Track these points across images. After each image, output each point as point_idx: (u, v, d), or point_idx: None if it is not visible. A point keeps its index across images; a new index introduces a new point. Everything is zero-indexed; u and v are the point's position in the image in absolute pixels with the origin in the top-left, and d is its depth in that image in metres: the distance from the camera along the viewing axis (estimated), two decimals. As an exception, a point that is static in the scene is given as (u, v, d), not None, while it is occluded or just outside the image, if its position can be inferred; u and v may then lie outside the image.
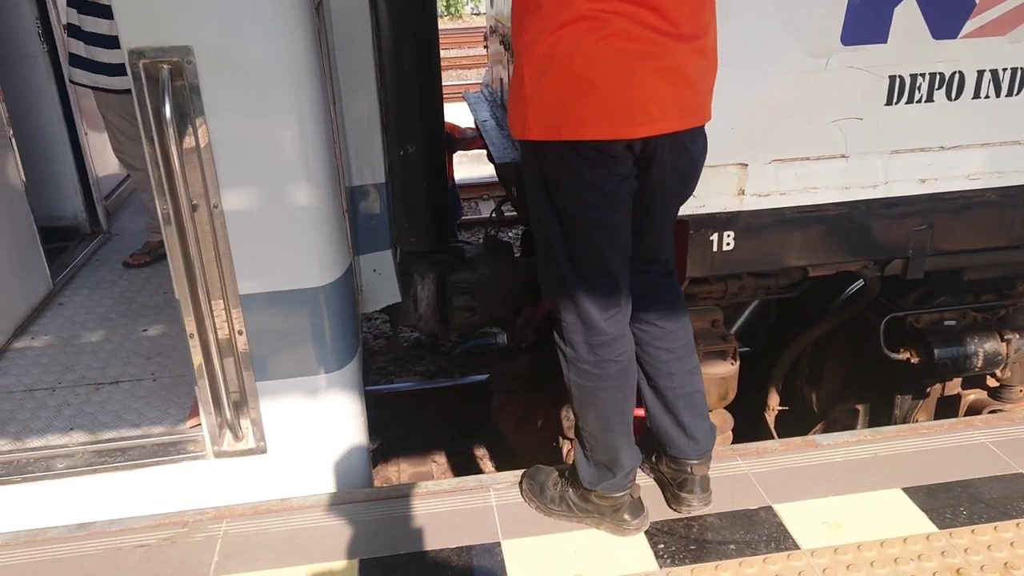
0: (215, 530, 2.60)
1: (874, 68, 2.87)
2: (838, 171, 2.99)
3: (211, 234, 2.59)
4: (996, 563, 2.30)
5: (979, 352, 3.67)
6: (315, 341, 2.83)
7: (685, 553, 2.40)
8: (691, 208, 2.91)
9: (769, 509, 2.56)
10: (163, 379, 3.40)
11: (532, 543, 2.46)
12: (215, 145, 2.49)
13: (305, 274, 2.72)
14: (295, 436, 2.92)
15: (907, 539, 2.41)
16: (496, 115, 5.14)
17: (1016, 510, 2.52)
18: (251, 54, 2.44)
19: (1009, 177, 3.10)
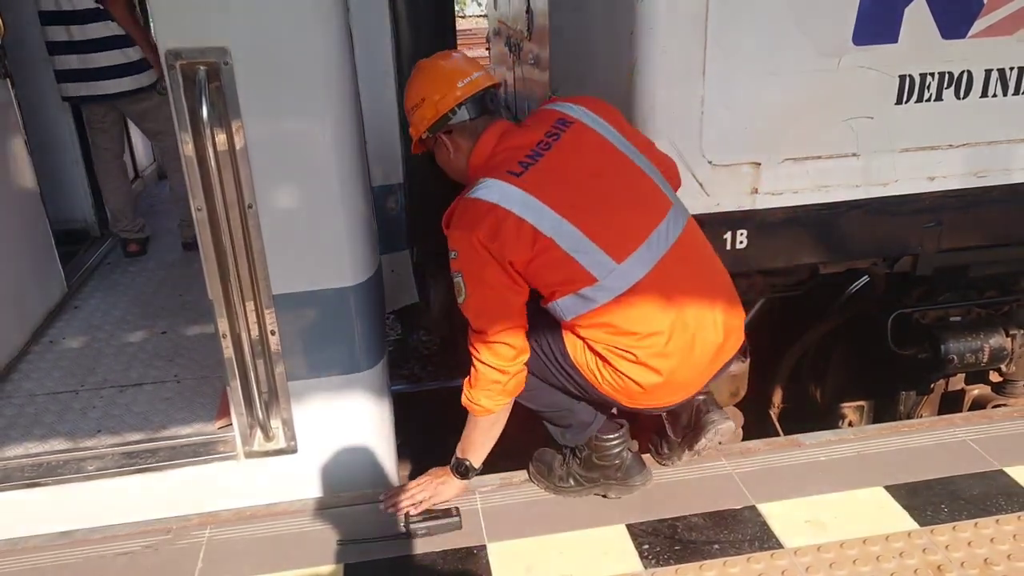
0: (199, 536, 2.56)
1: (885, 68, 2.89)
2: (850, 169, 3.01)
3: (244, 234, 2.59)
4: (976, 559, 2.31)
5: (985, 347, 3.70)
6: (346, 341, 2.83)
7: (670, 554, 2.38)
8: (705, 207, 2.93)
9: (753, 509, 2.56)
10: (187, 380, 3.38)
11: (517, 545, 2.45)
12: (251, 146, 2.48)
13: (337, 274, 2.72)
14: (325, 436, 2.92)
15: (889, 537, 2.41)
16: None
17: (996, 507, 2.52)
18: (288, 55, 2.44)
19: (1016, 175, 3.13)
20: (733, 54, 2.72)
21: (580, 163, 2.31)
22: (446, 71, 2.44)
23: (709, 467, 2.75)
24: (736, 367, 3.52)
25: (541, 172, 2.26)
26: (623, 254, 2.23)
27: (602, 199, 2.28)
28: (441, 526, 2.46)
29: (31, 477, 2.82)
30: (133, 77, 4.47)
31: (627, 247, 2.24)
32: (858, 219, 3.10)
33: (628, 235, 2.26)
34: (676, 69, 2.71)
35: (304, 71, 2.47)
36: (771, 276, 3.63)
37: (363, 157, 2.78)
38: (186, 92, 2.40)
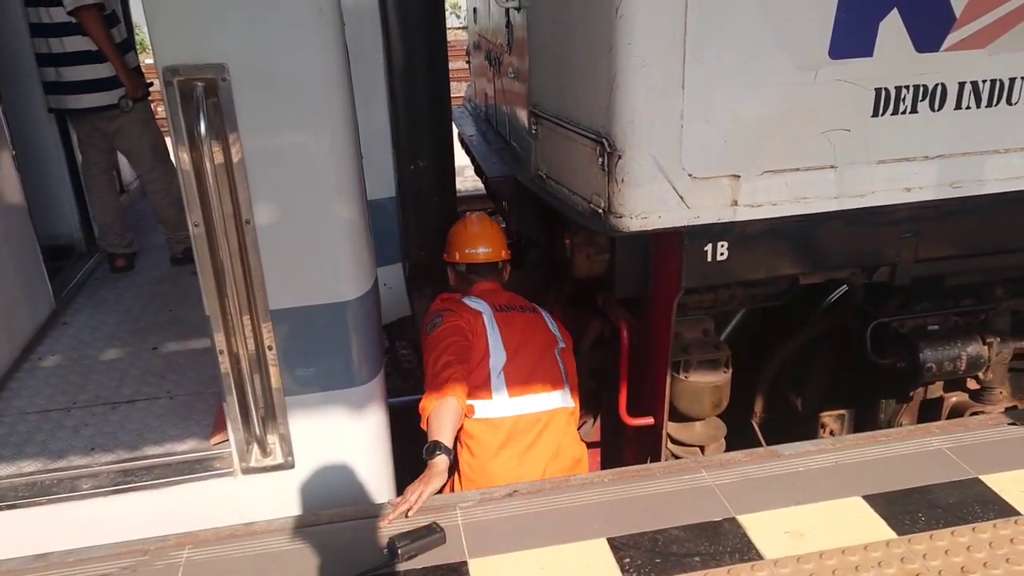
0: (177, 557, 2.51)
1: (861, 81, 2.97)
2: (827, 181, 3.08)
3: (241, 250, 2.61)
4: (953, 568, 2.32)
5: (962, 356, 3.79)
6: (343, 355, 2.86)
7: (651, 567, 2.38)
8: (686, 219, 3.00)
9: (733, 520, 2.56)
10: (180, 396, 3.39)
11: (498, 561, 2.43)
12: (248, 161, 2.52)
13: (335, 288, 2.76)
14: (323, 451, 2.94)
15: (868, 546, 2.42)
16: (481, 129, 5.20)
17: (972, 515, 2.55)
18: (286, 70, 2.48)
19: (990, 185, 3.23)
20: (712, 68, 2.80)
21: (529, 335, 3.33)
22: (463, 237, 3.59)
23: (689, 479, 2.79)
24: (718, 377, 3.59)
25: (505, 320, 3.31)
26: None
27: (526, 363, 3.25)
28: (426, 544, 2.45)
29: (24, 497, 2.81)
30: (106, 93, 4.48)
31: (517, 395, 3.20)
32: (836, 230, 3.19)
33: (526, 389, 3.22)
34: (656, 83, 2.78)
35: (301, 86, 2.51)
36: (751, 287, 3.71)
37: (360, 171, 2.83)
38: (184, 108, 2.43)
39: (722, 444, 3.82)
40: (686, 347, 3.62)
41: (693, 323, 3.73)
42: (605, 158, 2.98)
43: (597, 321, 4.01)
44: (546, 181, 3.61)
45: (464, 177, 7.91)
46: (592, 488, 2.77)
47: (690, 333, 3.70)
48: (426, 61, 3.68)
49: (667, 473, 2.82)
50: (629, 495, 2.74)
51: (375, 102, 3.55)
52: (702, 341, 3.68)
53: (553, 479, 2.90)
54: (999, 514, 2.55)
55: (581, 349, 4.16)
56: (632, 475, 2.83)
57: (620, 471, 2.87)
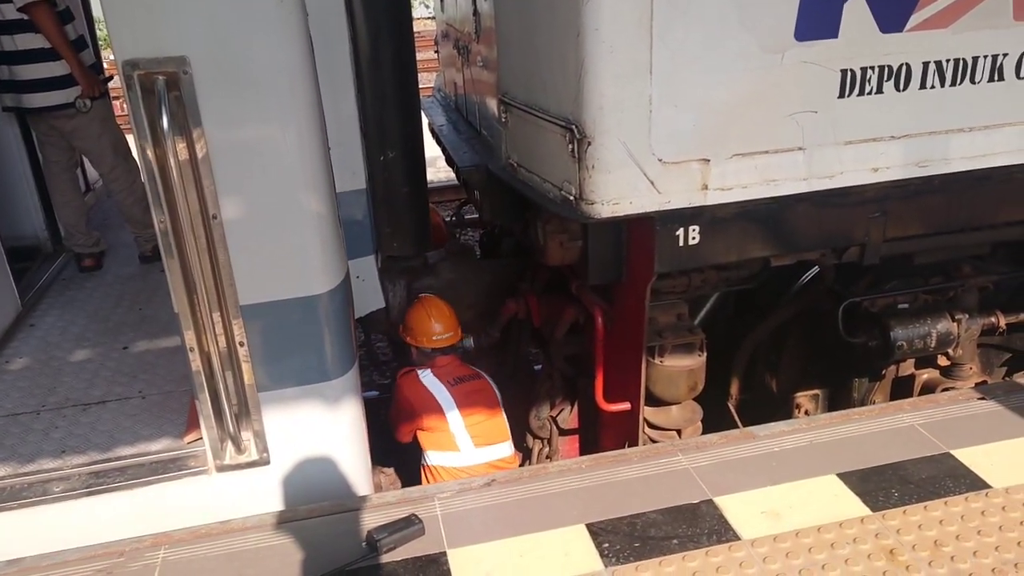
0: (152, 558, 2.49)
1: (826, 62, 2.98)
2: (796, 163, 3.09)
3: (209, 245, 2.58)
4: (927, 541, 2.37)
5: (932, 333, 3.84)
6: (316, 349, 2.84)
7: (629, 551, 2.40)
8: (657, 204, 3.00)
9: (710, 502, 2.59)
10: (152, 396, 3.35)
11: (478, 550, 2.44)
12: (213, 155, 2.48)
13: (306, 282, 2.73)
14: (298, 446, 2.92)
15: (843, 523, 2.45)
16: (451, 119, 5.16)
17: (944, 489, 2.59)
18: (248, 63, 2.44)
19: (955, 163, 3.26)
20: (679, 52, 2.80)
21: (480, 398, 3.89)
22: (427, 326, 4.01)
23: (666, 463, 2.80)
24: (693, 361, 3.61)
25: (459, 390, 3.87)
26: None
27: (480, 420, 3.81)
28: (405, 536, 2.45)
29: (-5, 501, 2.77)
30: (61, 91, 4.37)
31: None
32: (806, 212, 3.21)
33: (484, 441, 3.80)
34: (623, 69, 2.78)
35: (266, 79, 2.48)
36: (724, 270, 3.73)
37: (327, 164, 2.80)
38: (145, 103, 2.38)
39: (699, 427, 3.84)
40: (660, 332, 3.64)
41: (667, 308, 3.74)
42: (575, 145, 2.97)
43: (572, 308, 4.01)
44: (517, 169, 3.60)
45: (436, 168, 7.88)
46: (569, 475, 2.78)
47: (664, 318, 3.72)
48: (392, 50, 3.64)
49: (644, 457, 2.84)
50: (606, 480, 2.75)
51: (342, 92, 3.51)
52: (676, 325, 3.70)
53: (531, 467, 2.90)
54: (970, 487, 2.60)
55: (556, 336, 4.18)
56: (609, 460, 2.84)
57: (597, 457, 2.88)
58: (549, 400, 4.42)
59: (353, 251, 3.78)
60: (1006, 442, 2.80)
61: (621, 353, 3.67)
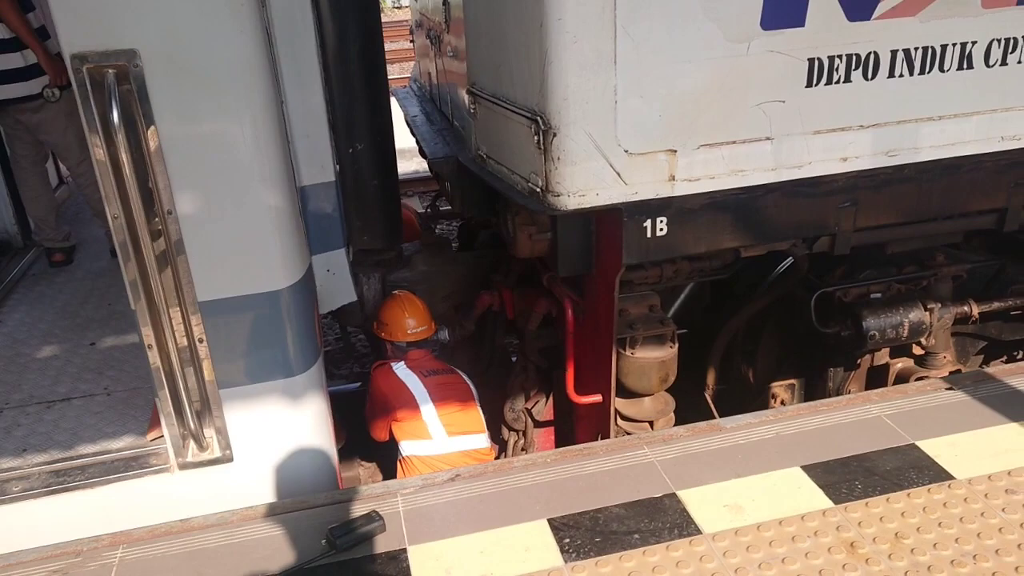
0: (110, 557, 2.46)
1: (793, 51, 2.96)
2: (764, 153, 3.07)
3: (166, 241, 2.54)
4: (888, 534, 2.35)
5: (905, 322, 3.84)
6: (278, 345, 2.81)
7: (590, 546, 2.38)
8: (623, 195, 2.98)
9: (673, 496, 2.56)
10: (118, 393, 3.31)
11: (438, 547, 2.42)
12: (166, 150, 2.44)
13: (265, 277, 2.70)
14: (262, 443, 2.89)
15: (804, 516, 2.44)
16: (426, 109, 5.12)
17: (907, 480, 2.57)
18: (201, 55, 2.40)
19: (925, 152, 3.25)
20: (643, 42, 2.77)
21: (453, 391, 3.90)
22: (401, 322, 3.99)
23: (631, 456, 2.79)
24: (665, 353, 3.59)
25: (432, 382, 3.86)
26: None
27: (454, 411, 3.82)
28: (365, 533, 2.43)
29: (-47, 501, 2.74)
30: (23, 84, 4.29)
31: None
32: (775, 202, 3.19)
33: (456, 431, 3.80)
34: (587, 59, 2.74)
35: (219, 72, 2.44)
36: (696, 261, 3.71)
37: (286, 157, 2.75)
38: (95, 96, 2.34)
39: (671, 419, 3.83)
40: (631, 323, 3.62)
41: (639, 299, 3.72)
42: (540, 136, 2.94)
43: (544, 300, 3.99)
44: (486, 161, 3.57)
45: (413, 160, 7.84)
46: (534, 469, 2.76)
47: (636, 309, 3.70)
48: (359, 41, 3.60)
49: (609, 451, 2.82)
50: (571, 474, 2.73)
51: (309, 84, 3.45)
52: (647, 317, 3.68)
53: (495, 461, 2.88)
54: (933, 479, 2.59)
55: (529, 329, 4.16)
56: (575, 454, 2.83)
57: (563, 451, 2.86)
58: (524, 392, 4.40)
59: (323, 244, 3.75)
60: (971, 433, 2.80)
61: (592, 345, 3.65)
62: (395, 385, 3.81)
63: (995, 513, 2.42)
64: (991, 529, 2.36)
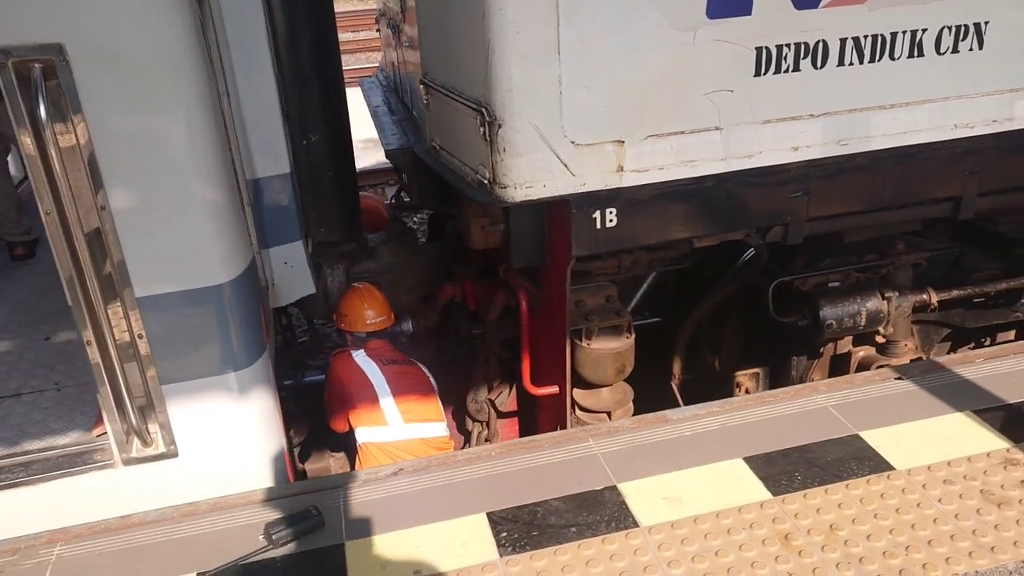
0: (47, 555, 2.44)
1: (741, 40, 2.93)
2: (713, 143, 3.06)
3: (100, 236, 2.52)
4: (823, 525, 2.35)
5: (862, 311, 3.84)
6: (220, 339, 2.79)
7: (527, 540, 2.37)
8: (571, 186, 2.95)
9: (614, 489, 2.55)
10: (68, 388, 3.30)
11: (376, 542, 2.41)
12: (97, 145, 2.41)
13: (204, 272, 2.67)
14: (207, 437, 2.88)
15: (742, 508, 2.44)
16: (388, 100, 5.08)
17: (847, 471, 2.57)
18: (129, 50, 2.37)
19: (878, 141, 3.23)
20: (587, 32, 2.74)
21: (411, 380, 3.89)
22: (360, 312, 3.98)
23: (576, 448, 2.78)
24: (621, 343, 3.59)
25: (391, 370, 3.86)
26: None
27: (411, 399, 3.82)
28: (303, 529, 2.42)
29: None
30: None
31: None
32: (726, 192, 3.17)
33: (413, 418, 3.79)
34: (530, 49, 2.72)
35: (148, 67, 2.40)
36: (654, 251, 3.70)
37: (224, 151, 2.72)
38: (21, 92, 2.31)
39: (630, 408, 3.83)
40: (587, 314, 3.61)
41: (595, 290, 3.72)
42: (486, 128, 2.92)
43: (503, 292, 3.98)
44: (440, 152, 3.54)
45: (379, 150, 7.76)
46: (479, 463, 2.76)
47: (592, 300, 3.69)
48: (311, 31, 3.56)
49: (554, 444, 2.82)
50: (515, 468, 2.73)
51: (260, 75, 3.42)
52: (604, 308, 3.67)
53: (440, 455, 2.88)
54: (873, 470, 2.59)
55: (489, 320, 4.15)
56: (519, 447, 2.82)
57: (508, 444, 2.86)
58: (486, 383, 4.40)
59: (280, 237, 3.73)
60: (915, 423, 2.80)
61: (547, 336, 3.64)
62: (353, 372, 3.80)
63: (931, 504, 2.43)
64: (926, 520, 2.37)
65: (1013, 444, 2.65)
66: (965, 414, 2.83)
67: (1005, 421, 2.77)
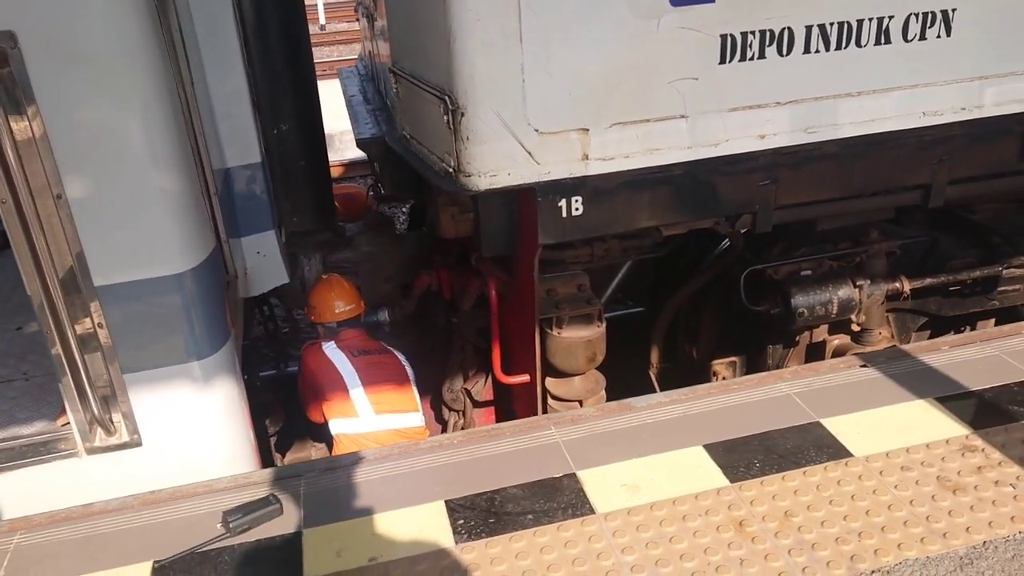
0: (5, 544, 2.44)
1: (705, 28, 2.92)
2: (679, 131, 3.04)
3: (59, 225, 2.52)
4: (778, 512, 2.36)
5: (833, 299, 3.83)
6: (182, 328, 2.79)
7: (483, 527, 2.38)
8: (536, 175, 2.95)
9: (572, 476, 2.56)
10: (36, 378, 3.30)
11: (333, 529, 2.42)
12: (51, 134, 2.41)
13: (163, 261, 2.68)
14: (171, 427, 2.89)
15: (698, 495, 2.44)
16: (365, 89, 5.06)
17: (806, 458, 2.57)
18: (83, 39, 2.36)
19: (845, 129, 3.22)
20: (549, 20, 2.73)
21: (383, 370, 3.89)
22: (327, 303, 3.99)
23: (538, 436, 2.78)
24: (591, 332, 3.58)
25: (361, 362, 3.86)
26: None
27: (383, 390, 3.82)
28: (260, 517, 2.43)
29: None
30: None
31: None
32: (692, 180, 3.16)
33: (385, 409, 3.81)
34: (492, 37, 2.71)
35: (100, 54, 2.40)
36: (627, 239, 3.69)
37: (183, 139, 2.72)
38: (-27, 80, 2.30)
39: (602, 397, 3.83)
40: (558, 303, 3.61)
41: (567, 279, 3.71)
42: (450, 116, 2.91)
43: (477, 280, 3.98)
44: (409, 141, 3.54)
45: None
46: (440, 451, 2.76)
47: (564, 288, 3.69)
48: (280, 19, 3.55)
49: (516, 432, 2.82)
50: (476, 456, 2.73)
51: (228, 64, 3.41)
52: (575, 296, 3.67)
53: (403, 443, 2.88)
54: (832, 457, 2.60)
55: (464, 308, 4.15)
56: (482, 436, 2.83)
57: (470, 432, 2.86)
58: (462, 372, 4.40)
59: (252, 226, 3.73)
60: (876, 410, 2.80)
61: (518, 325, 3.65)
62: (323, 364, 3.81)
63: (887, 490, 2.43)
64: (880, 506, 2.37)
65: (972, 431, 2.66)
66: (927, 401, 2.83)
67: (966, 408, 2.77)
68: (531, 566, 2.25)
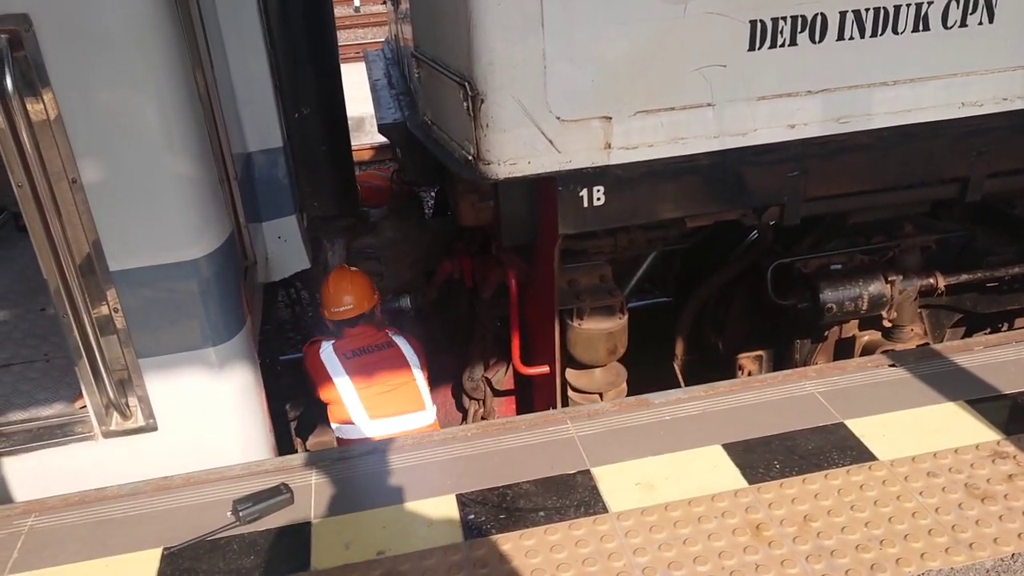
0: (20, 525, 2.45)
1: (734, 13, 2.81)
2: (705, 120, 2.94)
3: (74, 210, 2.51)
4: (797, 516, 2.28)
5: (864, 295, 3.71)
6: (198, 314, 2.78)
7: (493, 523, 2.33)
8: (557, 163, 2.87)
9: (587, 473, 2.50)
10: (56, 359, 3.33)
11: (342, 521, 2.39)
12: (66, 117, 2.40)
13: (179, 246, 2.66)
14: (187, 412, 2.89)
15: (715, 496, 2.37)
16: (390, 73, 5.01)
17: (828, 461, 2.49)
18: (97, 21, 2.34)
19: (880, 119, 3.10)
20: (572, 4, 2.65)
21: (382, 371, 3.72)
22: (330, 297, 3.80)
23: (553, 431, 2.73)
24: (613, 324, 3.52)
25: (356, 364, 3.71)
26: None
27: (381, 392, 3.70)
28: (271, 506, 2.42)
29: None
30: None
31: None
32: (718, 171, 3.07)
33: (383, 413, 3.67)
34: (513, 22, 2.64)
35: (117, 37, 2.38)
36: (652, 230, 3.61)
37: (199, 124, 2.69)
38: (-12, 63, 2.29)
39: (623, 389, 3.77)
40: (579, 294, 3.55)
41: (589, 269, 3.64)
42: (470, 102, 2.85)
43: (498, 269, 3.93)
44: (431, 128, 3.49)
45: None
46: (453, 443, 2.73)
47: (585, 279, 3.62)
48: (303, 1, 3.51)
49: (531, 426, 2.78)
50: (490, 449, 2.69)
51: (251, 49, 3.39)
52: (597, 287, 3.60)
53: (415, 435, 2.85)
54: (855, 460, 2.51)
55: (484, 297, 4.11)
56: (496, 429, 2.78)
57: (484, 425, 2.83)
58: (482, 361, 4.37)
59: (273, 211, 3.73)
60: (904, 412, 2.70)
61: (538, 315, 3.60)
62: (317, 366, 3.72)
63: (911, 497, 2.35)
64: (904, 513, 2.29)
65: (1004, 436, 2.56)
66: (958, 404, 2.73)
67: (998, 412, 2.67)
68: (540, 564, 2.20)
